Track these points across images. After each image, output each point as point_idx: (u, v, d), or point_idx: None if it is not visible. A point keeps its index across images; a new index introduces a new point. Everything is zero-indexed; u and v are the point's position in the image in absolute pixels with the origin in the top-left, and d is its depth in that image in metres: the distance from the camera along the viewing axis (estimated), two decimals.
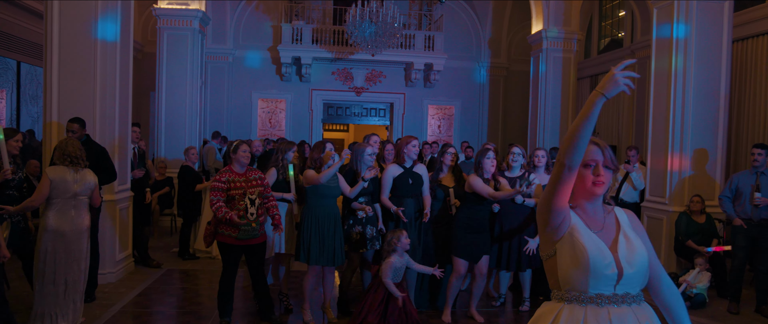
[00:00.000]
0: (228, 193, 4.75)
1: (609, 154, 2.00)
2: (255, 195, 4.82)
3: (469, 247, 5.21)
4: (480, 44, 15.64)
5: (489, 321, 5.49)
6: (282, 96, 15.00)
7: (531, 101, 11.65)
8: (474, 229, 5.21)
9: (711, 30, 7.02)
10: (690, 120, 6.98)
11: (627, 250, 2.00)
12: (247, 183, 4.82)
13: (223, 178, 4.78)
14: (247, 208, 4.76)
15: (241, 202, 4.74)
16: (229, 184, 4.76)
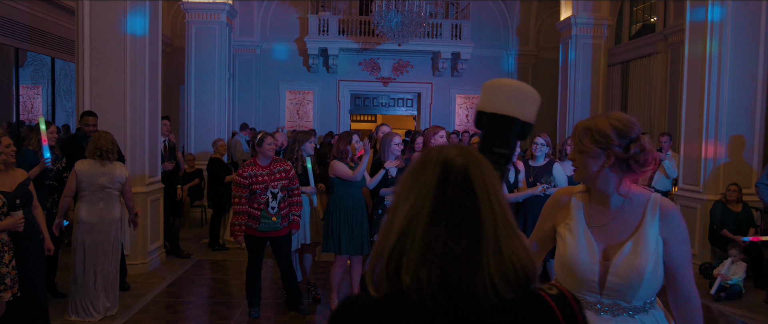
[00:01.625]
0: (250, 188, 4.76)
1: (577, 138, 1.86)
2: (278, 188, 4.82)
3: None
4: (508, 32, 15.44)
5: None
6: (309, 87, 15.05)
7: (560, 89, 11.46)
8: None
9: (748, 11, 6.80)
10: (725, 106, 6.79)
11: (628, 257, 1.80)
12: (270, 176, 4.82)
13: (245, 173, 4.77)
14: (269, 202, 4.78)
15: (262, 196, 4.75)
16: (251, 179, 4.76)
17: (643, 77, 12.03)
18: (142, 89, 6.40)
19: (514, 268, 1.02)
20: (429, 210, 1.04)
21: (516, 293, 1.02)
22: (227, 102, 10.70)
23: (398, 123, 18.22)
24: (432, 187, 1.06)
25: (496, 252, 1.02)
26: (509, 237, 1.04)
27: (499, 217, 1.05)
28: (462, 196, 1.04)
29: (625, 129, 1.79)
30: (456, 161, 1.07)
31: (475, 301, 0.99)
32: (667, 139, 7.84)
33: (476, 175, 1.06)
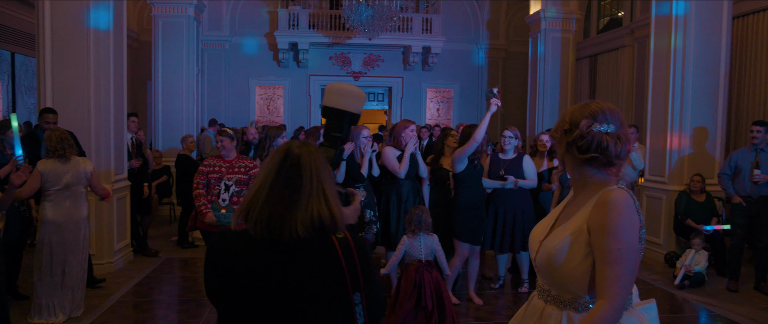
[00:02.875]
0: (207, 176, 4.83)
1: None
2: (232, 181, 4.81)
3: (471, 231, 5.24)
4: (478, 26, 15.53)
5: (488, 303, 5.51)
6: (280, 82, 14.95)
7: (530, 82, 11.59)
8: (474, 209, 5.24)
9: (710, 7, 6.95)
10: (689, 98, 6.94)
11: (549, 239, 1.83)
12: (228, 169, 4.83)
13: (206, 162, 4.87)
14: (220, 194, 4.78)
15: (216, 187, 4.77)
16: (210, 168, 4.83)
17: (611, 71, 12.23)
18: (107, 85, 6.27)
19: (312, 219, 1.60)
20: (271, 180, 1.65)
21: (311, 234, 1.61)
22: (196, 97, 10.56)
23: (369, 117, 18.23)
24: (275, 166, 1.66)
25: (304, 208, 1.61)
26: (318, 199, 1.63)
27: (314, 187, 1.64)
28: (292, 173, 1.64)
29: (575, 116, 1.82)
30: (294, 150, 1.68)
31: (283, 236, 1.61)
32: (633, 131, 7.98)
33: (305, 160, 1.66)
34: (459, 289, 5.74)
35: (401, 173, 5.35)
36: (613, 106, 1.83)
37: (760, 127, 6.04)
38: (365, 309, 1.67)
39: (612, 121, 1.78)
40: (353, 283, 1.64)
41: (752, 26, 8.58)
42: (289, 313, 1.60)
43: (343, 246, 1.64)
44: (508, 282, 6.20)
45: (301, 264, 1.61)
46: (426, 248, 4.45)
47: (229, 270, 1.62)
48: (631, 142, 1.83)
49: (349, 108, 2.20)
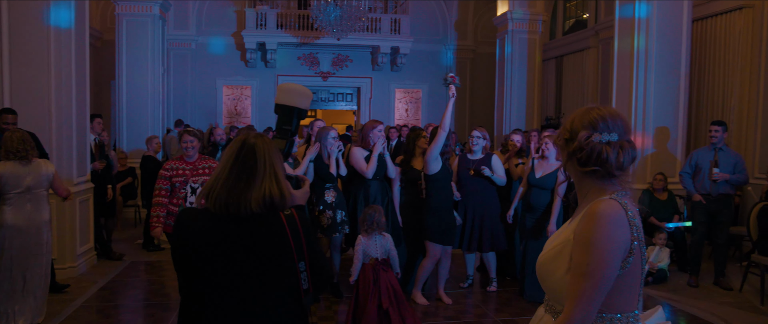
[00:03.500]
0: (170, 181, 4.64)
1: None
2: (198, 183, 4.72)
3: (443, 232, 5.26)
4: (446, 27, 15.62)
5: (457, 302, 5.54)
6: (247, 82, 14.79)
7: (497, 83, 11.70)
8: (445, 210, 5.28)
9: (671, 10, 7.12)
10: (652, 99, 7.10)
11: (547, 245, 1.82)
12: (192, 171, 4.70)
13: (168, 165, 4.67)
14: (187, 197, 4.68)
15: (181, 190, 4.65)
16: (173, 172, 4.64)
17: (576, 71, 12.44)
18: (69, 85, 6.12)
19: (264, 197, 1.87)
20: (230, 165, 1.91)
21: (263, 210, 1.88)
22: (161, 98, 10.38)
23: (338, 118, 18.18)
24: (233, 153, 1.93)
25: (258, 188, 1.87)
26: (270, 181, 1.89)
27: (267, 171, 1.91)
28: (248, 159, 1.91)
29: (575, 124, 1.74)
30: (250, 140, 1.95)
31: (239, 212, 1.86)
32: None
33: (259, 148, 1.93)
34: (428, 288, 5.76)
35: (369, 173, 5.34)
36: (616, 112, 1.74)
37: (718, 127, 6.22)
38: (309, 276, 1.94)
39: (614, 128, 1.69)
40: (298, 253, 1.91)
41: (711, 29, 8.83)
42: (244, 278, 1.87)
43: (289, 221, 1.92)
44: (477, 281, 6.25)
45: (254, 235, 1.88)
46: (381, 247, 4.55)
47: (194, 242, 1.88)
48: (635, 147, 1.74)
49: (298, 104, 2.52)
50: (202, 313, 1.92)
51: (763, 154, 7.81)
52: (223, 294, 1.88)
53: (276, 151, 1.98)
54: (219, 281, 1.87)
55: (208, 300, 1.90)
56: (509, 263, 6.23)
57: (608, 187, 1.70)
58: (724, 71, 8.58)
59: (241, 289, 1.88)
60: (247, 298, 1.89)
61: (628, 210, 1.64)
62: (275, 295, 1.92)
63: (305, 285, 1.94)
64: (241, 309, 1.89)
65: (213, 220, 1.89)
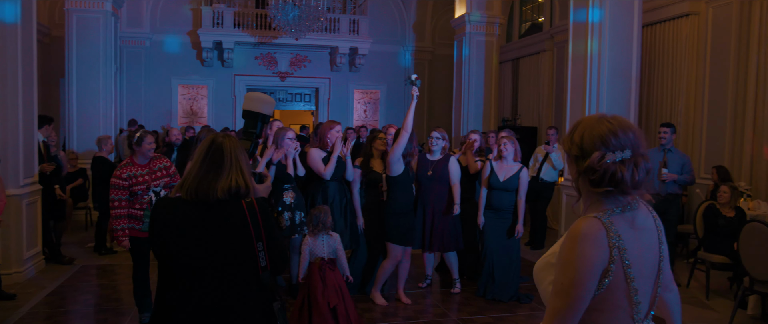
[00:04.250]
0: (130, 190, 4.46)
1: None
2: (160, 187, 4.59)
3: (404, 233, 5.27)
4: (405, 28, 15.68)
5: (415, 302, 5.55)
6: (204, 82, 14.51)
7: (455, 84, 11.80)
8: (406, 213, 5.29)
9: (623, 15, 7.30)
10: (605, 101, 7.26)
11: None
12: (150, 175, 4.55)
13: (124, 174, 4.43)
14: (152, 202, 4.53)
15: (144, 196, 4.50)
16: (131, 180, 4.45)
17: (532, 74, 12.66)
18: (15, 82, 5.87)
19: (230, 187, 2.18)
20: (200, 160, 2.22)
21: (227, 198, 2.19)
22: (114, 97, 10.08)
23: (296, 118, 18.04)
24: (204, 150, 2.24)
25: (224, 179, 2.18)
26: (236, 173, 2.21)
27: (233, 165, 2.21)
28: (216, 154, 2.21)
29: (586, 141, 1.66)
30: (218, 139, 2.26)
31: (208, 199, 2.17)
32: (554, 132, 8.29)
33: (226, 146, 2.24)
34: (388, 288, 5.76)
35: (327, 174, 5.30)
36: (626, 124, 1.66)
37: (667, 129, 6.43)
38: (267, 255, 2.25)
39: (626, 143, 1.62)
40: (256, 235, 2.22)
41: (660, 35, 9.11)
42: (211, 256, 2.18)
43: (249, 207, 2.24)
44: (436, 281, 6.28)
45: (219, 219, 2.20)
46: (328, 247, 4.60)
47: (169, 225, 2.20)
48: (649, 159, 1.66)
49: (262, 111, 2.88)
50: (176, 292, 2.18)
51: (709, 156, 8.11)
52: (194, 270, 2.18)
53: (241, 149, 2.28)
54: (191, 259, 2.18)
55: (180, 278, 2.19)
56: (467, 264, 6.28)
57: (607, 202, 1.65)
58: (672, 75, 8.86)
59: (210, 265, 2.18)
60: (214, 273, 2.19)
61: (611, 230, 1.60)
62: (238, 270, 2.22)
63: (263, 262, 2.25)
64: (209, 283, 2.18)
65: (185, 206, 2.21)
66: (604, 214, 1.63)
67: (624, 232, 1.62)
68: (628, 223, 1.64)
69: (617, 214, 1.63)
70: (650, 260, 1.70)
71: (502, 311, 5.35)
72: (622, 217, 1.64)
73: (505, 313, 5.33)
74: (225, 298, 2.19)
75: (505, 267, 5.61)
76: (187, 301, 2.17)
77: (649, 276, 1.70)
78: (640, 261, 1.65)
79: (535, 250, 7.78)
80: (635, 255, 1.63)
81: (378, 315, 5.19)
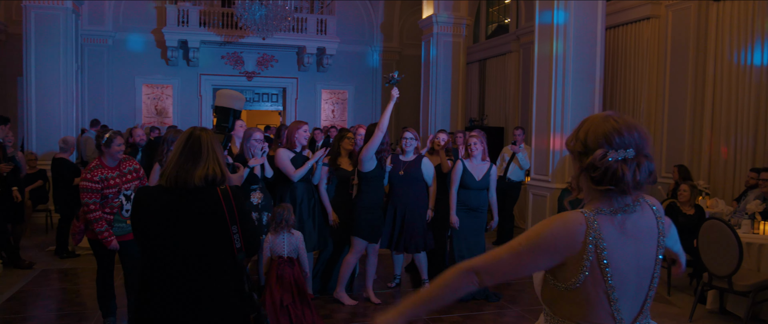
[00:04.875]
0: (102, 193, 4.32)
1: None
2: (130, 190, 4.48)
3: (372, 228, 5.28)
4: (372, 28, 15.69)
5: (385, 302, 5.56)
6: (169, 81, 14.26)
7: (422, 85, 11.87)
8: (376, 208, 5.30)
9: (587, 17, 7.45)
10: (570, 101, 7.40)
11: None
12: (121, 178, 4.43)
13: (96, 176, 4.29)
14: (123, 205, 4.42)
15: (115, 199, 4.38)
16: (103, 183, 4.31)
17: (499, 75, 12.81)
18: None
19: (207, 175, 2.41)
20: (179, 151, 2.45)
21: (204, 185, 2.42)
22: (74, 96, 9.83)
23: (263, 118, 17.88)
24: (183, 142, 2.46)
25: (202, 168, 2.41)
26: (212, 162, 2.45)
27: (210, 155, 2.45)
28: (195, 146, 2.45)
29: (590, 137, 1.67)
30: (196, 132, 2.49)
31: (186, 186, 2.40)
32: (520, 132, 8.40)
33: (203, 138, 2.47)
34: (356, 288, 5.75)
35: (295, 177, 5.26)
36: (632, 123, 1.66)
37: None
38: (241, 237, 2.47)
39: (630, 142, 1.62)
40: (230, 218, 2.45)
41: (622, 37, 9.32)
42: (190, 239, 2.40)
43: (223, 193, 2.47)
44: (407, 281, 6.30)
45: (196, 204, 2.42)
46: (289, 245, 4.62)
47: (150, 211, 2.40)
48: (653, 160, 1.66)
49: (233, 106, 3.17)
50: (158, 274, 2.41)
51: (669, 155, 8.33)
52: (174, 252, 2.39)
53: (217, 142, 2.52)
54: (171, 242, 2.39)
55: (162, 260, 2.40)
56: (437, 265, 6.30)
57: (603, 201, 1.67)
58: (635, 77, 9.08)
59: (188, 247, 2.40)
60: (193, 254, 2.40)
61: (592, 226, 1.62)
62: (214, 252, 2.44)
63: (238, 244, 2.47)
64: (188, 264, 2.40)
65: (165, 193, 2.42)
66: (591, 212, 1.65)
67: (608, 233, 1.63)
68: (616, 227, 1.65)
69: (606, 214, 1.65)
70: (643, 265, 1.71)
71: (471, 310, 5.40)
72: (612, 218, 1.65)
73: (473, 311, 5.37)
74: (203, 277, 2.41)
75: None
76: (168, 280, 2.39)
77: (637, 280, 1.70)
78: (624, 264, 1.66)
79: None
80: (618, 257, 1.64)
81: (346, 315, 5.18)
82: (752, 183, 6.27)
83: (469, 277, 1.69)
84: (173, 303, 2.38)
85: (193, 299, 2.39)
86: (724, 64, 7.53)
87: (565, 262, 1.65)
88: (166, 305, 2.39)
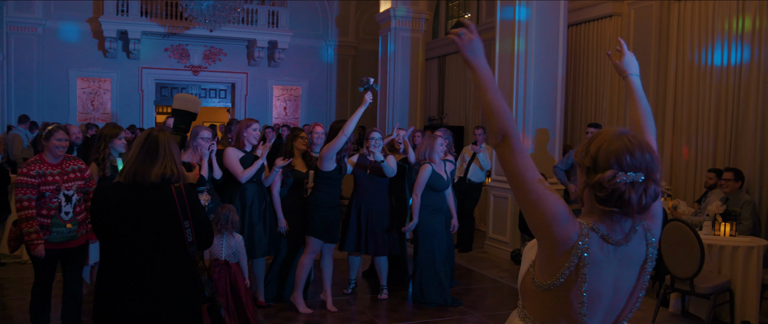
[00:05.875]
0: (38, 190, 4.14)
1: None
2: (72, 190, 4.29)
3: (327, 227, 5.24)
4: (327, 22, 15.63)
5: (341, 309, 5.52)
6: (106, 75, 13.87)
7: (380, 81, 11.88)
8: (332, 208, 5.27)
9: (549, 14, 7.60)
10: (532, 100, 7.53)
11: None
12: (62, 176, 4.25)
13: (33, 171, 4.10)
14: (61, 207, 4.23)
15: (53, 199, 4.19)
16: (40, 179, 4.12)
17: (458, 72, 12.93)
18: None
19: (163, 173, 2.70)
20: (138, 150, 2.72)
21: (159, 182, 2.70)
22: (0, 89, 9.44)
23: (211, 115, 17.58)
24: (141, 142, 2.73)
25: (159, 166, 2.69)
26: (169, 161, 2.73)
27: (167, 155, 2.72)
28: (152, 146, 2.72)
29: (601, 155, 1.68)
30: (154, 133, 2.77)
31: (143, 182, 2.68)
32: (481, 132, 8.48)
33: (161, 139, 2.74)
34: (312, 294, 5.70)
35: (243, 178, 5.16)
36: (645, 144, 1.69)
37: (594, 129, 6.77)
38: (193, 231, 2.78)
39: (641, 165, 1.64)
40: (183, 214, 2.75)
41: (584, 35, 9.55)
42: (146, 232, 2.69)
43: (177, 190, 2.76)
44: (364, 288, 6.28)
45: (152, 199, 2.71)
46: (228, 249, 4.57)
47: (109, 206, 2.69)
48: (659, 183, 1.69)
49: (191, 109, 3.44)
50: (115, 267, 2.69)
51: None
52: (131, 245, 2.68)
53: (174, 142, 2.80)
54: (128, 236, 2.67)
55: (119, 253, 2.69)
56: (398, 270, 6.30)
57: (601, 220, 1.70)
58: (597, 76, 9.31)
59: (144, 241, 2.69)
60: (148, 247, 2.69)
61: (583, 241, 1.66)
62: (168, 245, 2.73)
63: (190, 238, 2.77)
64: (145, 256, 2.68)
65: (123, 189, 2.70)
66: (587, 227, 1.68)
67: (595, 253, 1.67)
68: (604, 252, 1.68)
69: (600, 235, 1.68)
70: (621, 287, 1.74)
71: (431, 316, 5.42)
72: (603, 244, 1.68)
73: (434, 318, 5.40)
74: (158, 268, 2.70)
75: (448, 270, 5.75)
76: (125, 271, 2.67)
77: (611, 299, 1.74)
78: (602, 284, 1.70)
79: (463, 252, 7.93)
80: (595, 276, 1.68)
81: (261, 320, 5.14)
82: (711, 183, 6.52)
83: (503, 123, 1.68)
84: (130, 293, 2.67)
85: (149, 289, 2.68)
86: (685, 64, 7.79)
87: (549, 248, 1.69)
88: (123, 295, 2.67)
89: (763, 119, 6.72)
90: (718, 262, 5.34)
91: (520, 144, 1.68)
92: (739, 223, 5.70)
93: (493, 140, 1.70)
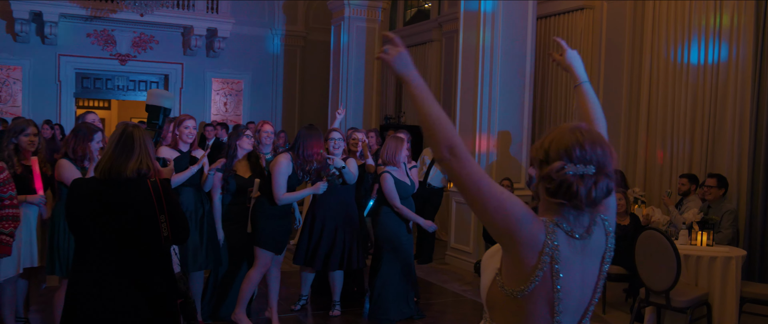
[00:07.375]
0: None
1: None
2: None
3: (278, 238, 5.18)
4: (273, 9, 15.49)
5: None
6: (16, 62, 13.39)
7: (332, 75, 11.86)
8: (282, 216, 5.22)
9: (517, 5, 7.72)
10: (498, 97, 7.61)
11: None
12: None
13: None
14: None
15: None
16: None
17: (419, 66, 12.84)
18: None
19: (139, 168, 3.02)
20: (114, 145, 3.04)
21: (135, 176, 3.01)
22: None
23: (139, 111, 17.19)
24: (117, 138, 3.05)
25: (134, 161, 3.01)
26: (144, 156, 3.05)
27: (143, 150, 3.05)
28: (128, 141, 3.03)
29: (552, 147, 1.81)
30: (128, 129, 3.08)
31: (119, 177, 2.99)
32: None
33: (135, 134, 3.07)
34: (255, 311, 5.63)
35: (174, 183, 5.04)
36: (598, 138, 1.82)
37: None
38: (168, 226, 3.02)
39: (591, 159, 1.76)
40: (158, 208, 3.00)
41: (554, 28, 9.73)
42: (121, 226, 2.95)
43: (153, 185, 3.04)
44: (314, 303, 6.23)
45: (128, 194, 2.98)
46: None
47: (85, 199, 2.97)
48: (613, 179, 1.81)
49: (164, 104, 3.80)
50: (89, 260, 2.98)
51: None
52: (106, 239, 2.95)
53: (148, 138, 3.12)
54: (104, 229, 2.94)
55: (93, 247, 2.98)
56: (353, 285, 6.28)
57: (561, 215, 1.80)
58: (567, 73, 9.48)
59: (120, 234, 2.95)
60: (124, 241, 2.96)
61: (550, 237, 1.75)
62: (144, 239, 3.00)
63: (165, 233, 3.02)
64: (120, 250, 2.96)
65: (99, 183, 2.99)
66: (551, 223, 1.79)
67: (564, 248, 1.78)
68: (571, 247, 1.80)
69: (565, 231, 1.79)
70: (587, 281, 1.86)
71: None
72: (570, 240, 1.80)
73: None
74: (132, 262, 2.97)
75: (413, 282, 5.79)
76: (99, 264, 2.95)
77: (580, 296, 1.85)
78: (571, 281, 1.80)
79: (422, 264, 7.95)
80: (566, 272, 1.78)
81: None
82: (684, 189, 6.73)
83: (448, 134, 1.76)
84: (105, 287, 2.93)
85: (124, 283, 2.94)
86: (660, 62, 8.01)
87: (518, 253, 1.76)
88: (98, 289, 2.92)
89: (741, 121, 6.96)
90: (694, 273, 5.50)
91: (467, 152, 1.76)
92: (717, 231, 5.87)
93: (439, 154, 1.76)
